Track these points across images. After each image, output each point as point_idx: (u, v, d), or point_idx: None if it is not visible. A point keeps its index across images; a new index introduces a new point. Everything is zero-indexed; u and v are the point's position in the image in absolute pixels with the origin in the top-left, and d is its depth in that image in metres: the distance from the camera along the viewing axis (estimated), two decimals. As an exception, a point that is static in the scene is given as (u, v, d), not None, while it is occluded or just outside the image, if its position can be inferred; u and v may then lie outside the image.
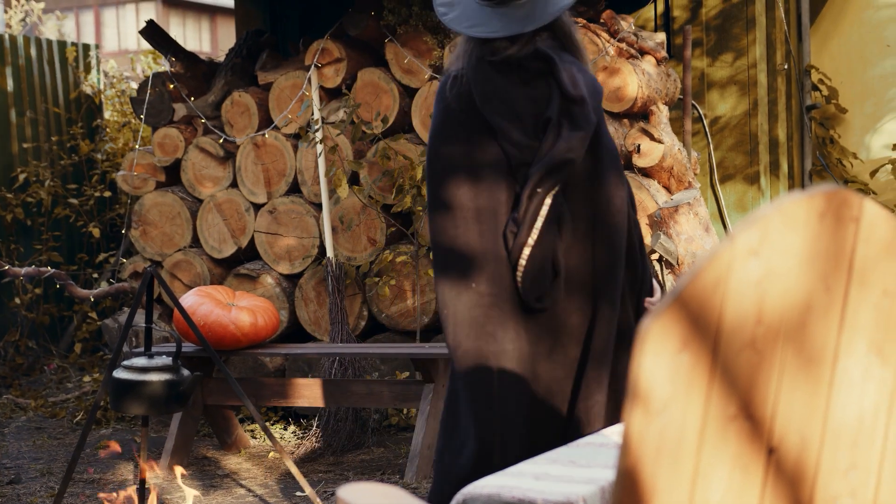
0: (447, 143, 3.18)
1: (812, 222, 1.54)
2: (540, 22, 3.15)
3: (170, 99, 6.84)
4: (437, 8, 3.26)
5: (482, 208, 3.15)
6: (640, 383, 1.45)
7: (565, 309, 3.19)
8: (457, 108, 3.16)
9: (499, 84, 3.14)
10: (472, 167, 3.15)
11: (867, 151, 7.77)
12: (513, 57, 3.16)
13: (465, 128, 3.16)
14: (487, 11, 3.16)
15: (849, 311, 1.61)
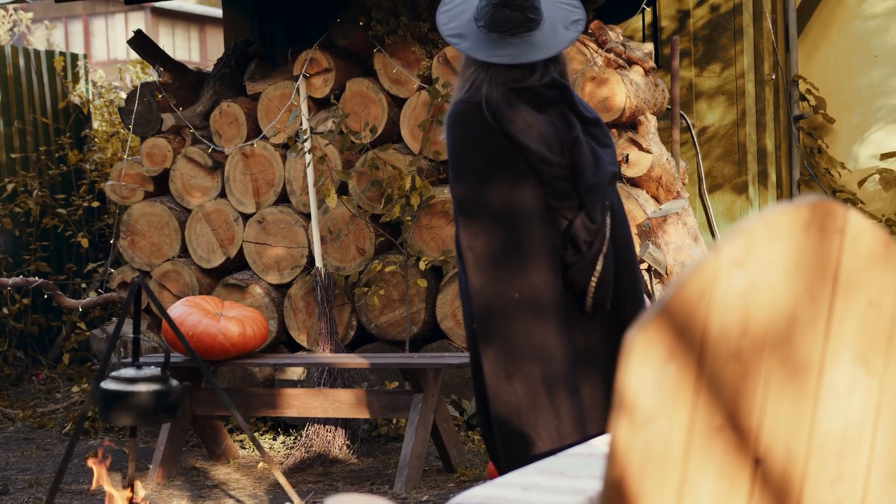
0: (479, 163, 3.36)
1: (797, 233, 1.54)
2: (553, 51, 3.37)
3: (158, 109, 6.84)
4: (449, 39, 3.42)
5: (531, 213, 3.36)
6: (626, 394, 1.45)
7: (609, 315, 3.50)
8: (482, 128, 3.34)
9: (524, 109, 3.34)
10: (511, 184, 3.35)
11: (855, 161, 7.79)
12: (534, 85, 3.35)
13: (498, 151, 3.34)
14: (501, 41, 3.34)
15: (834, 322, 1.61)
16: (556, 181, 3.33)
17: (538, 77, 3.37)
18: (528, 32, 3.35)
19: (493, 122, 3.33)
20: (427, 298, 6.19)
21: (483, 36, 3.36)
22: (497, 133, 3.34)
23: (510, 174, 3.34)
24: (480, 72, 3.38)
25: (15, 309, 8.17)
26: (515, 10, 3.34)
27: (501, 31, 3.34)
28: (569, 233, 3.39)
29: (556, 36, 3.41)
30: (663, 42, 6.83)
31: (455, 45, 3.40)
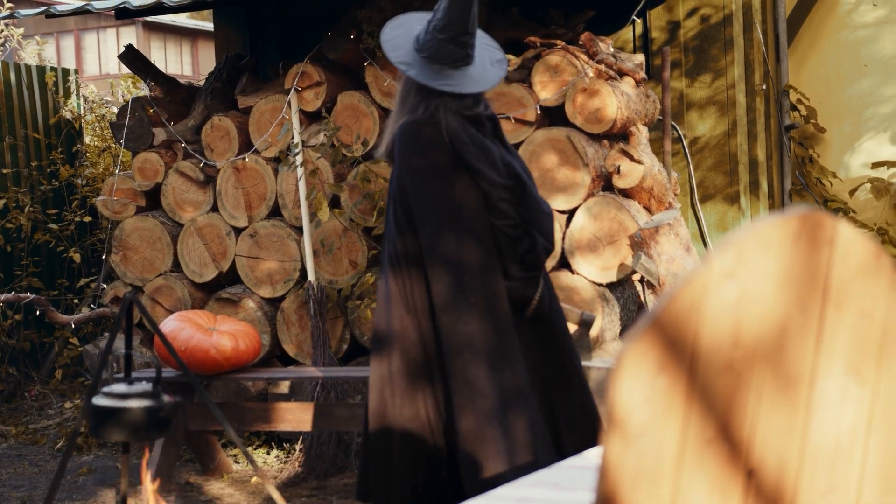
0: (443, 179, 3.74)
1: (787, 245, 1.54)
2: (490, 85, 3.83)
3: (150, 123, 6.83)
4: (398, 66, 3.79)
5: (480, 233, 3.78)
6: (617, 407, 1.45)
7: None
8: (441, 148, 3.73)
9: (473, 134, 3.74)
10: (461, 200, 3.74)
11: (846, 170, 7.81)
12: (480, 114, 3.79)
13: (452, 167, 3.73)
14: (441, 72, 3.75)
15: (825, 333, 1.61)
16: (501, 202, 3.72)
17: (482, 108, 3.81)
18: (465, 66, 3.76)
19: (448, 143, 3.70)
20: (420, 311, 6.18)
21: (426, 65, 3.74)
22: (449, 153, 3.71)
23: (460, 190, 3.73)
24: (433, 98, 3.75)
25: (7, 325, 8.15)
26: (458, 46, 3.73)
27: (444, 62, 3.73)
28: (516, 250, 3.78)
29: (486, 72, 3.83)
30: (654, 53, 6.85)
31: (405, 71, 3.76)
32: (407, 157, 3.75)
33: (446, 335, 3.72)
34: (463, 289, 3.73)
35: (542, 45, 6.20)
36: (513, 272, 3.78)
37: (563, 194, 5.99)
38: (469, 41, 3.75)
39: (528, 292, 3.82)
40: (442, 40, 3.72)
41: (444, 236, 3.73)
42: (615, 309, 5.99)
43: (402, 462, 3.82)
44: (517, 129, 6.07)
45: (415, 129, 3.74)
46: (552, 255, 5.96)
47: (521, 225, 3.76)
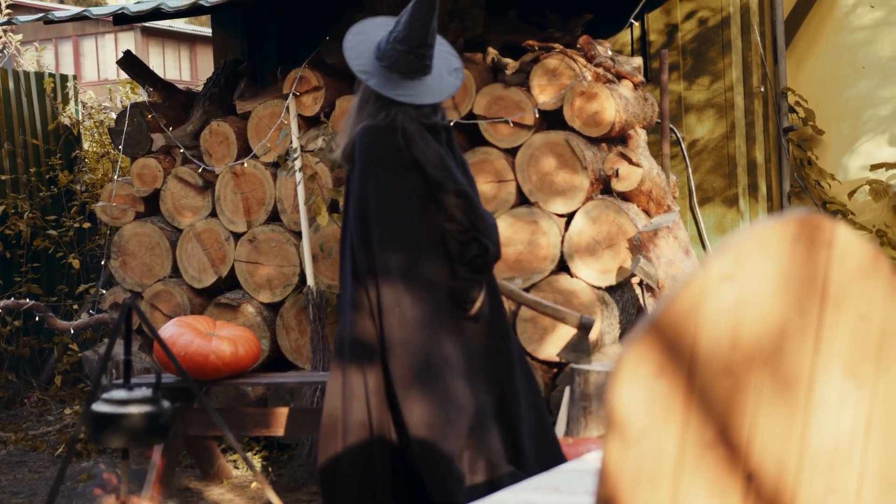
0: (397, 183, 3.92)
1: (785, 248, 1.54)
2: (446, 95, 4.00)
3: (148, 129, 6.83)
4: (359, 75, 3.97)
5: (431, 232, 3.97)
6: (616, 410, 1.45)
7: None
8: (398, 153, 3.91)
9: (430, 141, 3.93)
10: (413, 204, 3.94)
11: (845, 172, 7.81)
12: (436, 123, 3.98)
13: (406, 172, 3.92)
14: (400, 82, 3.94)
15: (824, 336, 1.61)
16: (453, 208, 3.90)
17: (439, 117, 4.00)
18: (423, 76, 3.94)
19: (405, 149, 3.88)
20: (419, 315, 6.18)
21: (386, 74, 3.93)
22: (405, 158, 3.90)
23: (413, 194, 3.92)
24: (392, 105, 3.94)
25: (6, 331, 8.15)
26: (417, 57, 3.92)
27: (402, 72, 3.92)
28: (464, 254, 3.96)
29: (443, 81, 4.01)
30: (652, 56, 6.85)
31: (365, 80, 3.94)
32: (365, 159, 3.93)
33: (387, 338, 3.92)
34: (406, 291, 3.92)
35: (540, 49, 6.20)
36: (460, 274, 3.98)
37: (562, 198, 5.99)
38: (428, 52, 3.94)
39: (473, 294, 4.01)
40: (402, 51, 3.91)
41: (393, 239, 3.93)
42: (614, 312, 5.99)
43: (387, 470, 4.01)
44: (515, 132, 6.08)
45: (374, 133, 3.93)
46: (551, 259, 5.97)
47: (471, 230, 3.95)
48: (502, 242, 6.01)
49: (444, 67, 4.04)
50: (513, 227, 6.03)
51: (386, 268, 3.90)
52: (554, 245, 5.97)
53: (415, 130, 3.90)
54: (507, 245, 6.04)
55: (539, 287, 5.96)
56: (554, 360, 5.91)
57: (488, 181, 6.09)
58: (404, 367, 3.90)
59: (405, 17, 3.97)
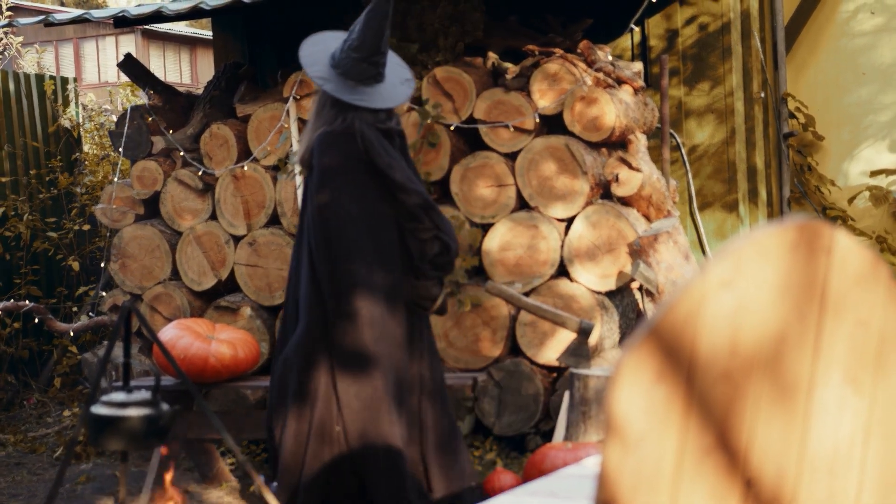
0: (355, 186, 4.06)
1: (784, 254, 1.55)
2: (398, 102, 4.16)
3: (148, 132, 6.83)
4: (315, 80, 4.12)
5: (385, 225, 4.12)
6: (615, 415, 1.45)
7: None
8: (356, 157, 4.06)
9: (386, 145, 4.08)
10: (372, 206, 4.09)
11: (845, 178, 7.82)
12: (391, 128, 4.13)
13: (364, 175, 4.07)
14: (355, 88, 4.08)
15: (823, 342, 1.61)
16: (414, 207, 4.06)
17: (394, 123, 4.17)
18: (376, 83, 4.11)
19: (363, 152, 4.02)
20: (419, 319, 6.18)
21: (342, 81, 4.08)
22: (363, 162, 4.04)
23: (371, 196, 4.07)
24: (348, 111, 4.08)
25: (5, 333, 8.15)
26: (371, 65, 4.08)
27: (357, 79, 4.08)
28: (426, 252, 4.12)
29: (396, 90, 4.16)
30: (652, 61, 6.86)
31: (321, 85, 4.08)
32: (324, 163, 4.06)
33: (338, 340, 4.07)
34: (365, 297, 4.05)
35: (540, 54, 6.21)
36: (423, 271, 4.14)
37: (562, 202, 5.99)
38: (381, 60, 4.10)
39: (434, 291, 4.18)
40: (356, 59, 4.08)
41: (352, 244, 4.05)
42: (614, 317, 5.99)
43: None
44: (516, 137, 6.08)
45: (332, 138, 4.06)
46: (551, 264, 5.97)
47: (432, 228, 4.10)
48: (502, 246, 6.03)
49: (395, 77, 4.23)
50: (513, 232, 6.03)
51: (345, 273, 4.04)
52: (554, 249, 5.97)
53: (372, 135, 4.05)
54: (507, 249, 6.04)
55: (539, 291, 5.97)
56: (553, 364, 5.91)
57: (488, 185, 6.10)
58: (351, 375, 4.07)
59: (359, 26, 4.12)
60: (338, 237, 4.05)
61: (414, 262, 4.14)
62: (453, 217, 6.08)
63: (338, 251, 4.04)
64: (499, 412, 6.04)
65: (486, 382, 6.01)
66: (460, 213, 6.13)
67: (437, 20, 6.34)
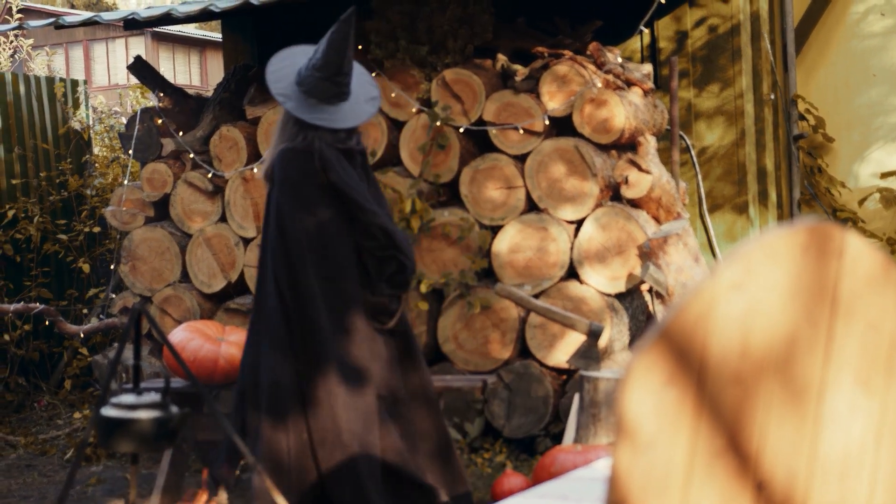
0: (312, 202, 4.15)
1: (795, 256, 1.54)
2: (359, 122, 4.22)
3: (158, 134, 6.84)
4: (277, 97, 4.17)
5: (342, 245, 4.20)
6: (626, 418, 1.44)
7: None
8: (313, 175, 4.14)
9: (345, 164, 4.17)
10: (328, 222, 4.18)
11: (855, 180, 7.80)
12: (352, 147, 4.21)
13: (322, 192, 4.15)
14: (317, 106, 4.15)
15: (834, 345, 1.61)
16: (370, 226, 4.15)
17: (354, 142, 4.23)
18: (339, 102, 4.16)
19: (321, 170, 4.10)
20: (428, 321, 6.18)
21: (304, 99, 4.14)
22: (321, 179, 4.12)
23: (328, 213, 4.16)
24: (310, 128, 4.15)
25: (16, 335, 8.17)
26: (334, 84, 4.13)
27: (319, 97, 4.13)
28: (383, 270, 4.21)
29: (359, 108, 4.23)
30: (662, 63, 6.85)
31: (282, 103, 4.15)
32: (282, 181, 4.16)
33: (301, 350, 4.14)
34: (320, 307, 4.14)
35: (549, 56, 6.20)
36: (380, 289, 4.22)
37: (572, 204, 5.98)
38: (343, 80, 4.17)
39: (392, 306, 4.26)
40: (319, 77, 4.14)
41: (310, 258, 4.14)
42: (624, 319, 5.99)
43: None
44: (525, 139, 6.08)
45: (291, 155, 4.15)
46: (560, 266, 5.97)
47: (389, 247, 4.18)
48: (512, 249, 6.03)
49: (362, 95, 4.29)
50: (522, 234, 6.03)
51: (304, 287, 4.14)
52: (563, 252, 5.96)
53: (331, 154, 4.14)
54: (516, 251, 6.04)
55: (548, 293, 5.96)
56: (563, 366, 5.91)
57: (498, 187, 6.10)
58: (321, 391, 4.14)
59: (323, 45, 4.20)
60: (297, 252, 4.15)
61: (370, 279, 4.25)
62: (462, 219, 6.09)
63: (297, 265, 4.15)
64: (508, 414, 6.03)
65: (496, 385, 6.01)
66: (470, 215, 6.13)
67: (446, 22, 6.34)
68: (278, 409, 4.19)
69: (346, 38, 4.16)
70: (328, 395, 4.10)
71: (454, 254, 6.16)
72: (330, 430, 4.11)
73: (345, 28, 4.17)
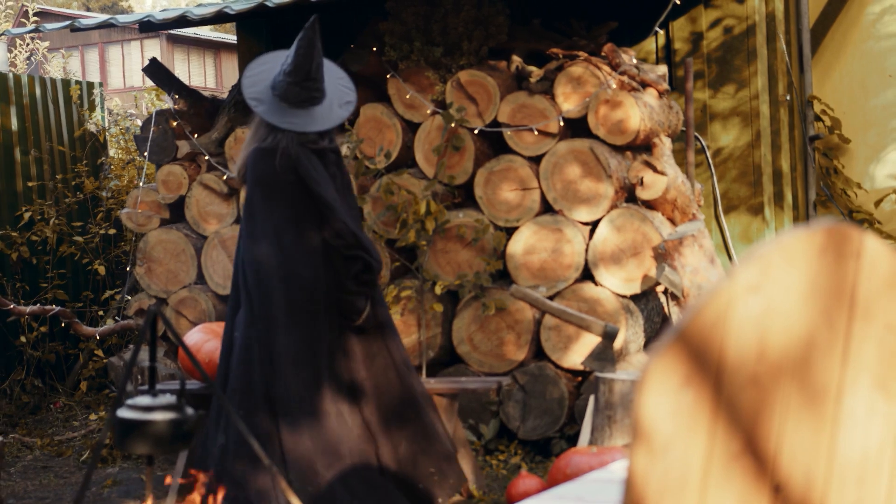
0: (279, 200, 4.30)
1: (813, 258, 1.53)
2: (328, 126, 4.36)
3: (173, 136, 6.86)
4: (249, 101, 4.35)
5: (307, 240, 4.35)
6: (642, 421, 1.44)
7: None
8: (280, 173, 4.31)
9: (315, 163, 4.31)
10: (296, 220, 4.32)
11: (871, 181, 7.77)
12: (323, 147, 4.36)
13: (290, 191, 4.31)
14: (289, 110, 4.29)
15: (852, 347, 1.60)
16: (337, 223, 4.26)
17: (326, 142, 4.37)
18: (311, 106, 4.31)
19: (288, 170, 4.26)
20: (443, 323, 6.18)
21: (276, 103, 4.30)
22: (290, 178, 4.27)
23: (296, 211, 4.30)
24: (279, 131, 4.31)
25: (32, 337, 8.19)
26: (304, 89, 4.28)
27: (290, 102, 4.28)
28: (350, 268, 4.32)
29: (332, 112, 4.36)
30: (677, 64, 6.83)
31: (254, 107, 4.32)
32: (252, 179, 4.34)
33: (261, 346, 4.33)
34: (282, 304, 4.30)
35: (564, 57, 6.20)
36: (348, 287, 4.35)
37: (587, 206, 5.98)
38: (312, 85, 4.30)
39: (360, 304, 4.39)
40: (289, 83, 4.30)
41: (273, 252, 4.31)
42: (639, 321, 5.97)
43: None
44: (540, 140, 6.07)
45: (260, 154, 4.32)
46: (575, 267, 5.96)
47: (354, 246, 4.31)
48: (527, 250, 6.02)
49: (336, 99, 4.44)
50: (537, 235, 6.02)
51: (268, 283, 4.31)
52: (578, 253, 5.96)
53: (301, 153, 4.30)
54: (531, 253, 6.03)
55: (563, 295, 5.95)
56: (578, 368, 5.90)
57: (512, 189, 6.09)
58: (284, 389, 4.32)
59: (292, 51, 4.34)
60: (264, 247, 4.32)
61: (339, 278, 4.37)
62: (477, 221, 6.08)
63: (262, 261, 4.32)
64: (523, 416, 6.03)
65: (511, 386, 6.00)
66: (485, 216, 6.12)
67: (460, 24, 6.33)
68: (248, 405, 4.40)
69: (311, 45, 4.31)
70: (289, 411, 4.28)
71: (469, 255, 6.15)
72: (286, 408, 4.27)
73: (310, 34, 4.32)
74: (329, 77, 4.46)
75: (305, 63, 4.29)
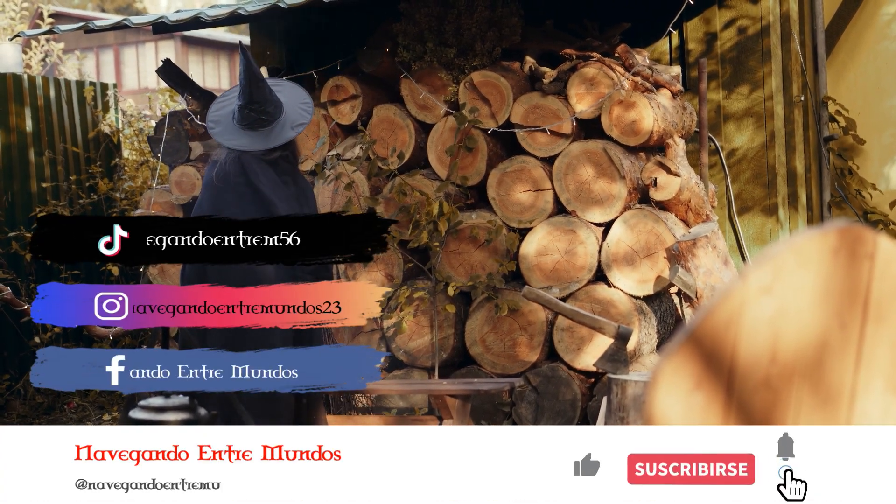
0: (227, 198, 4.56)
1: (826, 259, 1.52)
2: (273, 145, 4.62)
3: (187, 137, 6.87)
4: (207, 124, 4.72)
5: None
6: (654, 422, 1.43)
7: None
8: (232, 176, 4.61)
9: (266, 171, 4.60)
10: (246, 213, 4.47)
11: (886, 182, 7.74)
12: (274, 157, 4.64)
13: (240, 190, 4.60)
14: (241, 131, 4.61)
15: (865, 349, 1.59)
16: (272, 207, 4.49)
17: (277, 154, 4.65)
18: (262, 127, 4.61)
19: (241, 176, 4.55)
20: (456, 324, 6.17)
21: (232, 125, 4.65)
22: (244, 187, 4.55)
23: (249, 211, 4.50)
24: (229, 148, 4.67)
25: (46, 338, 8.22)
26: (253, 111, 4.59)
27: (243, 124, 4.61)
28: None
29: (282, 132, 4.66)
30: (691, 65, 6.82)
31: (209, 129, 4.70)
32: (204, 183, 4.67)
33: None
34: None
35: (577, 58, 6.19)
36: (304, 279, 4.46)
37: (600, 207, 5.96)
38: (257, 108, 4.61)
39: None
40: (240, 106, 4.62)
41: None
42: (652, 322, 5.96)
43: None
44: (553, 141, 6.06)
45: (213, 165, 4.64)
46: (588, 268, 5.95)
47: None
48: (540, 251, 6.01)
49: (289, 121, 4.72)
50: (550, 236, 6.01)
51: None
52: (591, 254, 5.94)
53: (252, 161, 4.60)
54: (544, 254, 6.02)
55: (576, 296, 5.94)
56: (591, 370, 5.89)
57: (526, 190, 6.08)
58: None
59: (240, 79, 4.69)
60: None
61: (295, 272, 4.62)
62: (490, 222, 6.08)
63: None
64: (536, 418, 6.02)
65: (524, 388, 6.00)
66: (497, 217, 6.12)
67: (473, 25, 6.33)
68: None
69: (246, 70, 4.61)
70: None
71: (482, 256, 6.15)
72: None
73: (244, 61, 4.60)
74: (290, 100, 4.78)
75: (248, 87, 4.62)
